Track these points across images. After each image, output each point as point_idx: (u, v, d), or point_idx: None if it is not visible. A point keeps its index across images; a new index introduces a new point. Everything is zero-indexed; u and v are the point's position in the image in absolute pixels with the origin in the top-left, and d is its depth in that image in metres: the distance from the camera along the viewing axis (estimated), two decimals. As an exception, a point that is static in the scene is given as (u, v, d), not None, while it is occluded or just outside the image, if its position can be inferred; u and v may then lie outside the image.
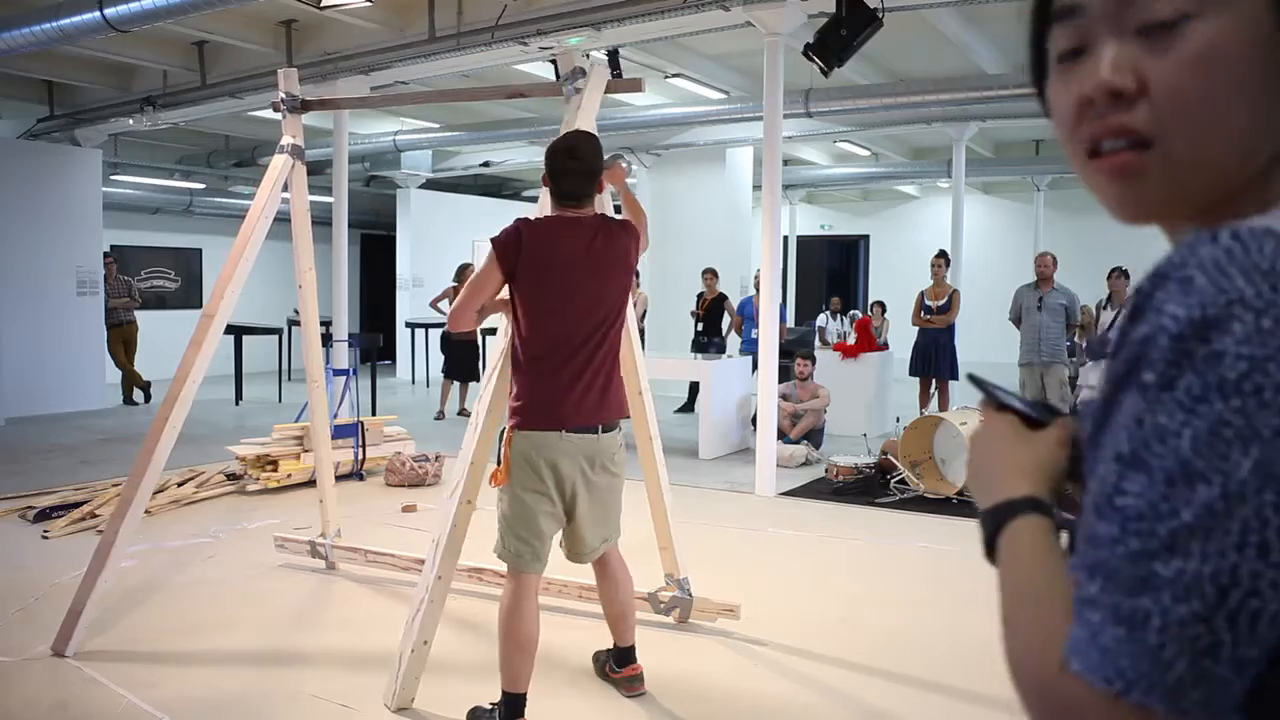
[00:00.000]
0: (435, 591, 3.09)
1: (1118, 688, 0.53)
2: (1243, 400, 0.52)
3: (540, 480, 2.83)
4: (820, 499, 6.37)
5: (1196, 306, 0.54)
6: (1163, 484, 0.53)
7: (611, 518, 3.04)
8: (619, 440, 2.99)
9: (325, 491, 4.64)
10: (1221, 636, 0.52)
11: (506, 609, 2.87)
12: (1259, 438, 0.51)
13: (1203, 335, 0.53)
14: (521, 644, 2.85)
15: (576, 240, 2.85)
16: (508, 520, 2.89)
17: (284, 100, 4.23)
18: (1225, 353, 0.53)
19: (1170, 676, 0.52)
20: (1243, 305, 0.53)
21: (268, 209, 4.00)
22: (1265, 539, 0.51)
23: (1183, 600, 0.52)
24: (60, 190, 10.20)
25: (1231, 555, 0.51)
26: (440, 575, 3.09)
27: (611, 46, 6.70)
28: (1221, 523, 0.52)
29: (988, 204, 17.26)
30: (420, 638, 3.09)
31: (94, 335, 10.53)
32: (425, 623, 3.09)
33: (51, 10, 6.51)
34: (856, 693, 3.32)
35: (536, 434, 2.82)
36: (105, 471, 6.81)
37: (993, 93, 8.43)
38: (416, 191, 13.92)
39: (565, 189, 2.90)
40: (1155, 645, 0.53)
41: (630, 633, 3.23)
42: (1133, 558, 0.54)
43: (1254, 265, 0.54)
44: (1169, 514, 0.53)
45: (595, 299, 2.87)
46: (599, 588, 3.18)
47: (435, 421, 9.65)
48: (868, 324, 9.55)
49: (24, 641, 3.66)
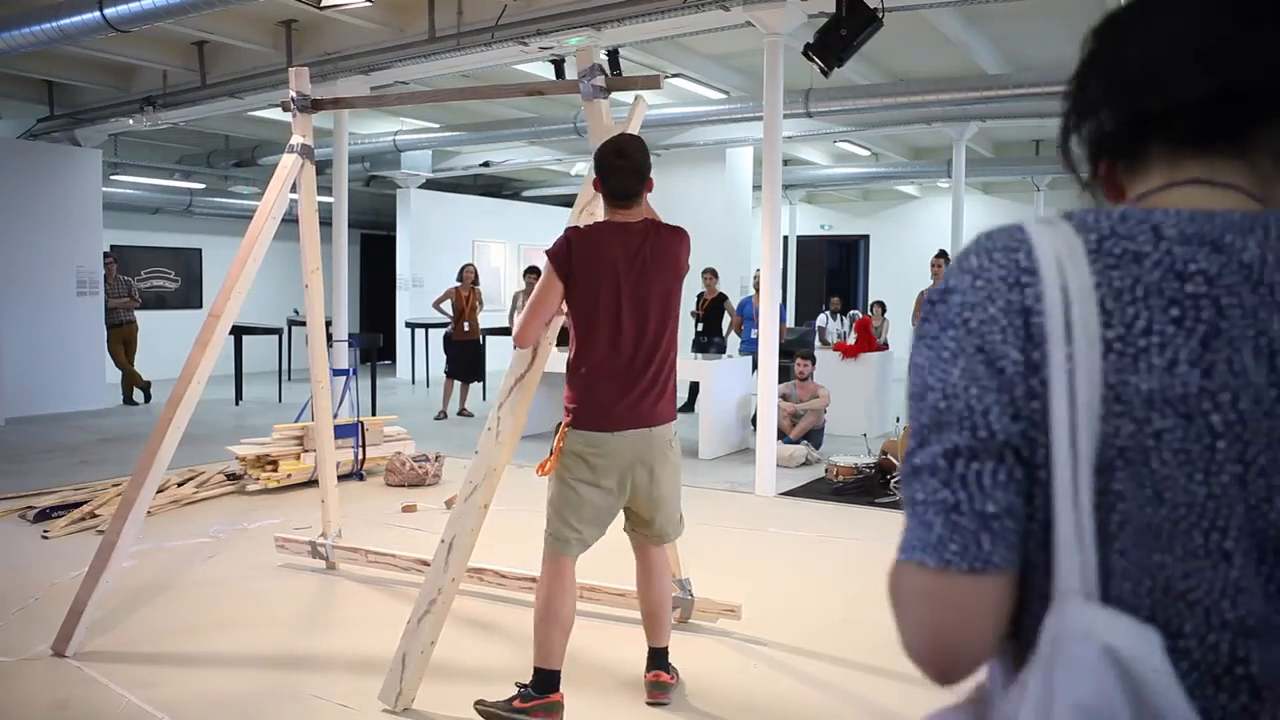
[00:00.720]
0: (447, 593, 3.09)
1: (903, 556, 0.72)
2: (955, 330, 0.73)
3: (593, 473, 2.92)
4: (820, 499, 6.37)
5: (944, 278, 0.77)
6: (915, 401, 0.75)
7: (676, 502, 3.13)
8: (673, 429, 3.08)
9: (327, 491, 4.64)
10: (959, 496, 0.70)
11: (547, 587, 2.96)
12: (964, 352, 0.72)
13: (943, 296, 0.75)
14: (561, 621, 2.94)
15: (626, 246, 2.91)
16: (555, 506, 2.98)
17: (294, 99, 4.21)
18: (951, 303, 0.74)
19: (932, 535, 0.70)
20: (967, 273, 0.75)
21: (276, 209, 3.98)
22: (974, 421, 0.70)
23: (930, 477, 0.71)
24: (60, 190, 10.21)
25: (953, 437, 0.71)
26: (455, 578, 3.09)
27: (611, 46, 6.69)
28: (944, 416, 0.72)
29: (988, 204, 17.26)
30: (428, 638, 3.08)
31: (94, 335, 10.53)
32: (434, 623, 3.08)
33: (51, 10, 6.51)
34: (857, 693, 3.32)
35: (590, 433, 2.92)
36: (105, 471, 6.81)
37: (993, 93, 8.43)
38: (416, 191, 13.92)
39: (614, 187, 2.97)
40: (921, 517, 0.71)
41: (661, 634, 3.25)
42: (908, 461, 0.74)
43: (986, 248, 0.75)
44: (917, 421, 0.74)
45: (646, 305, 2.93)
46: (638, 581, 3.23)
47: (436, 421, 9.65)
48: (868, 324, 9.56)
49: (24, 641, 3.66)
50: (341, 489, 5.72)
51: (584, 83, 3.56)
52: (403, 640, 3.11)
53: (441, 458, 6.92)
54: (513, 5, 6.69)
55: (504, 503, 4.18)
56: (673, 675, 3.27)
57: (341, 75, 7.88)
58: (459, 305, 9.95)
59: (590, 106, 3.55)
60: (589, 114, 3.57)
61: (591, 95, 3.55)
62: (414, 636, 3.08)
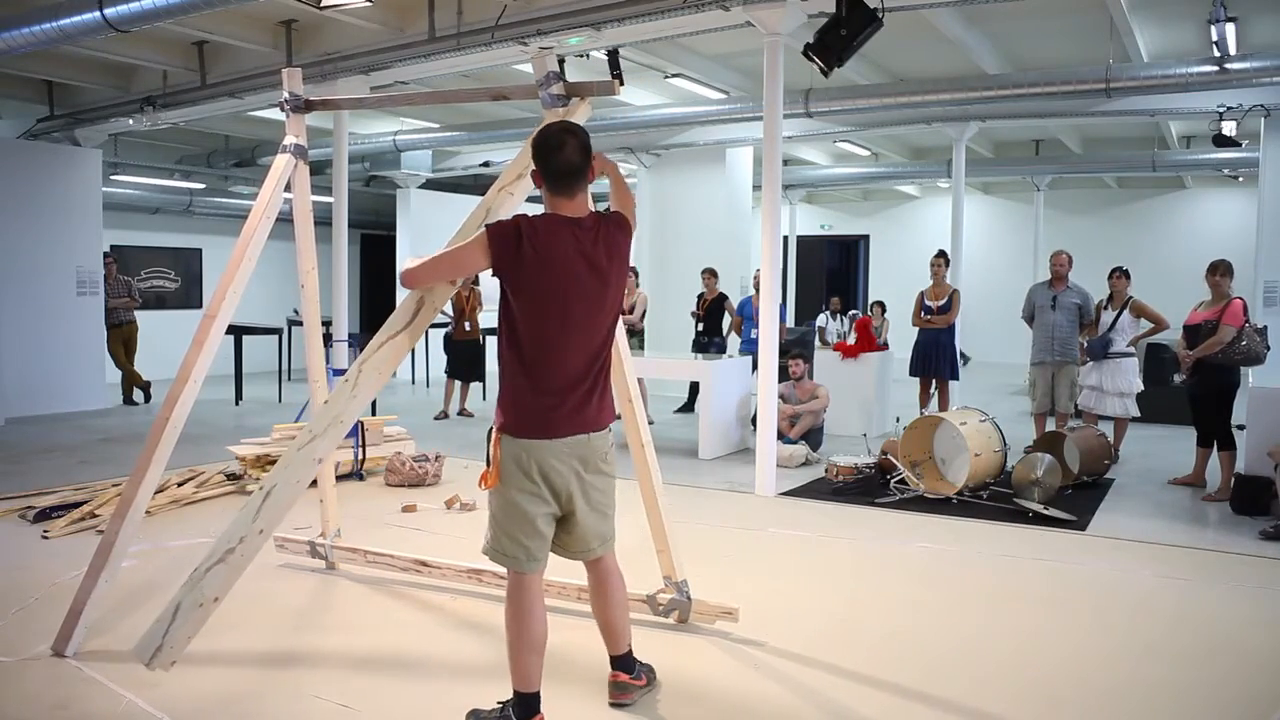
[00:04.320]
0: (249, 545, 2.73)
1: None
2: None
3: (533, 482, 2.78)
4: (820, 499, 6.37)
5: None
6: None
7: (609, 517, 3.00)
8: (610, 439, 2.96)
9: (326, 492, 4.64)
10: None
11: (512, 609, 2.82)
12: None
13: None
14: (531, 643, 2.81)
15: (579, 245, 2.77)
16: (499, 521, 2.82)
17: (288, 100, 4.22)
18: None
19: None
20: None
21: (270, 209, 3.98)
22: None
23: None
24: (60, 190, 10.20)
25: None
26: (263, 529, 2.76)
27: (611, 46, 6.70)
28: None
29: (988, 204, 17.26)
30: (212, 593, 2.72)
31: (94, 335, 10.53)
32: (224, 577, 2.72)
33: (51, 10, 6.51)
34: (856, 694, 3.32)
35: (529, 440, 2.78)
36: (105, 471, 6.81)
37: (993, 93, 8.44)
38: (416, 191, 13.93)
39: (560, 164, 2.77)
40: None
41: (618, 643, 3.14)
42: None
43: None
44: None
45: (594, 307, 2.81)
46: (591, 595, 3.11)
47: (436, 421, 9.65)
48: (868, 324, 9.56)
49: (24, 641, 3.65)
50: (341, 489, 5.72)
51: (542, 91, 3.45)
52: (181, 589, 2.74)
53: (441, 458, 6.92)
54: (513, 5, 6.69)
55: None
56: (640, 675, 3.19)
57: (341, 75, 7.87)
58: (458, 305, 9.96)
59: (550, 116, 3.41)
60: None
61: (550, 104, 3.44)
62: (194, 586, 2.70)
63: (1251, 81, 7.68)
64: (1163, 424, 9.00)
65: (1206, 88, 7.87)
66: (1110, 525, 5.68)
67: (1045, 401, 7.67)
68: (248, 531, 2.72)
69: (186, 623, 2.65)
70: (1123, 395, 7.45)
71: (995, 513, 5.91)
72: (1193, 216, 15.52)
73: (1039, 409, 7.76)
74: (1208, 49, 7.48)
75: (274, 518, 2.77)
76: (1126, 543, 5.30)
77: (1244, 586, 4.56)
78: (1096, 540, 5.37)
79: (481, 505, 3.22)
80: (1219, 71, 7.45)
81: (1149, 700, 3.29)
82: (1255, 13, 7.39)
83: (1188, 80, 7.65)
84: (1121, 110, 9.13)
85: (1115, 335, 7.41)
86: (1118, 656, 3.67)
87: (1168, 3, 7.47)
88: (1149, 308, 7.44)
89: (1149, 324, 7.46)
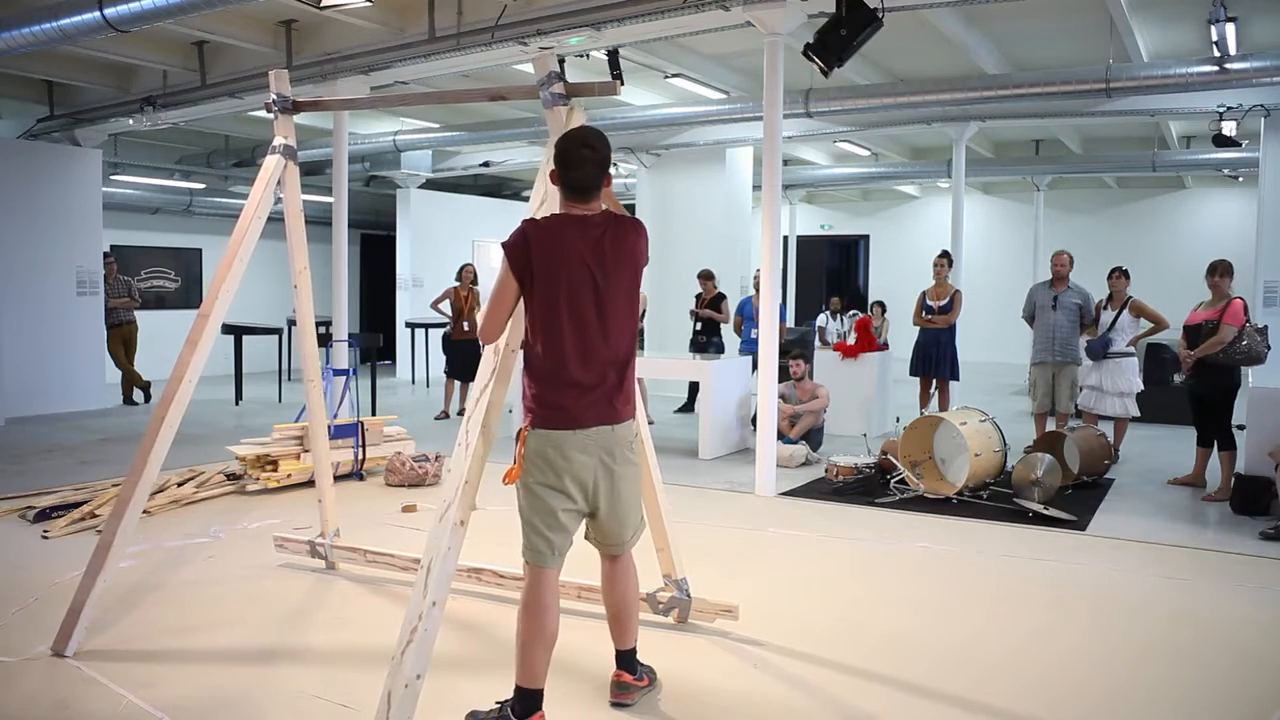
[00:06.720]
0: (430, 620, 2.79)
1: None
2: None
3: (557, 476, 2.83)
4: (820, 499, 6.37)
5: None
6: None
7: (637, 506, 3.05)
8: (634, 430, 3.00)
9: (324, 491, 4.64)
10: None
11: (527, 603, 2.86)
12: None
13: None
14: (543, 638, 2.84)
15: (585, 238, 2.82)
16: (525, 515, 2.89)
17: (275, 101, 4.22)
18: None
19: None
20: None
21: (261, 210, 4.01)
22: None
23: None
24: (60, 190, 10.20)
25: None
26: (435, 601, 2.81)
27: (611, 46, 6.70)
28: None
29: (988, 204, 17.27)
30: (413, 671, 2.74)
31: (94, 335, 10.53)
32: (418, 655, 2.75)
33: (51, 10, 6.51)
34: (855, 694, 3.32)
35: (552, 432, 2.83)
36: (105, 471, 6.81)
37: (993, 93, 8.44)
38: (416, 191, 13.94)
39: (577, 179, 2.85)
40: None
41: (625, 638, 3.17)
42: None
43: None
44: None
45: (609, 298, 2.85)
46: (603, 585, 3.16)
47: (436, 421, 9.65)
48: (868, 324, 9.55)
49: (24, 641, 3.65)
50: (341, 489, 5.72)
51: (543, 91, 3.45)
52: (387, 678, 2.76)
53: (441, 458, 6.91)
54: (513, 5, 6.69)
55: (502, 503, 4.17)
56: (641, 676, 3.20)
57: (341, 75, 7.88)
58: (458, 305, 9.96)
59: (550, 115, 3.43)
60: (549, 122, 3.44)
61: (551, 103, 3.44)
62: (397, 672, 2.73)
63: (1251, 81, 7.68)
64: (1163, 424, 9.00)
65: (1206, 88, 7.87)
66: (1110, 525, 5.68)
67: (1045, 401, 7.67)
68: (423, 608, 2.81)
69: (402, 706, 2.72)
70: (1123, 395, 7.44)
71: (995, 513, 5.91)
72: (1193, 216, 15.53)
73: (1039, 409, 7.75)
74: (1208, 49, 7.48)
75: (442, 588, 2.85)
76: (1126, 543, 5.30)
77: (1244, 586, 4.55)
78: (1096, 540, 5.37)
79: (481, 505, 3.21)
80: (1219, 71, 7.44)
81: (1149, 700, 3.29)
82: (1255, 13, 7.39)
83: (1188, 80, 7.65)
84: (1121, 110, 9.13)
85: (1115, 335, 7.40)
86: (1118, 656, 3.67)
87: (1168, 3, 7.47)
88: (1149, 307, 7.44)
89: (1149, 324, 7.45)
